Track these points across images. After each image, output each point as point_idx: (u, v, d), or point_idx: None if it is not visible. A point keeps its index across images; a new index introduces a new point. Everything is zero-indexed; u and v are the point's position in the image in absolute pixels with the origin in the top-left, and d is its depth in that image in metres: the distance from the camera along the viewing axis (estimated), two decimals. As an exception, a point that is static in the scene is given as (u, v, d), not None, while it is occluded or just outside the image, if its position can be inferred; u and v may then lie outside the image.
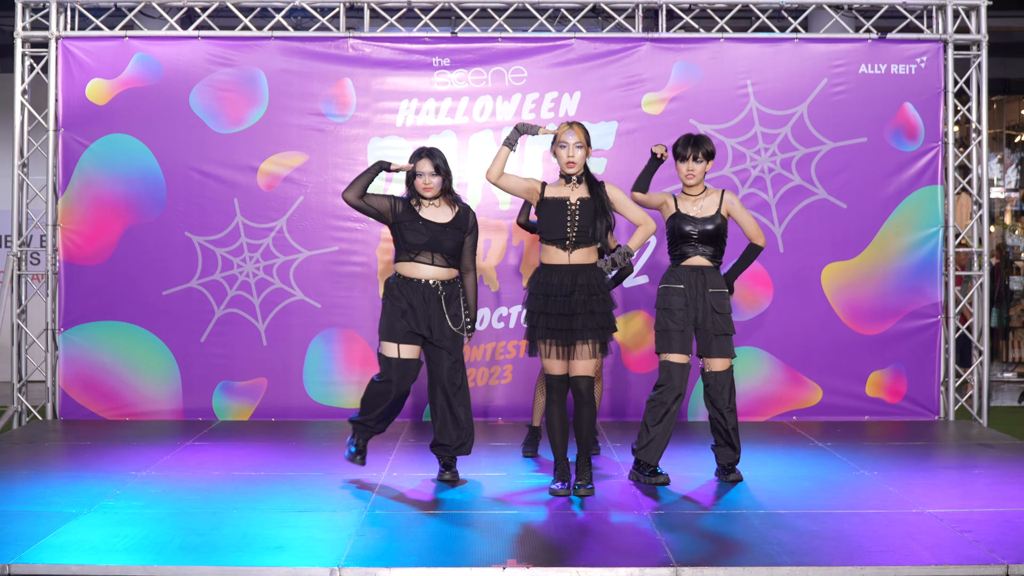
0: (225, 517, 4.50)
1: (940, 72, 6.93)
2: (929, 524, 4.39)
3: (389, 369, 5.01)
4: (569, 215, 4.81)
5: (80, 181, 6.83)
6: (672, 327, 5.06)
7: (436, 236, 5.00)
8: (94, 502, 4.72)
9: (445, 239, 5.02)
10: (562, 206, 4.82)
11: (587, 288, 4.80)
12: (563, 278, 4.81)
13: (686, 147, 5.14)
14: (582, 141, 4.83)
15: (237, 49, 6.86)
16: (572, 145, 4.83)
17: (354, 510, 4.63)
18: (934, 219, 6.92)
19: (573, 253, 4.82)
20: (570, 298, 4.77)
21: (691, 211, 5.13)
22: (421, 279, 5.01)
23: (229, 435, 6.40)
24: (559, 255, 4.83)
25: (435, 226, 5.02)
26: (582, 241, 4.82)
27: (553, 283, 4.81)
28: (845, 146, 6.91)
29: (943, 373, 6.97)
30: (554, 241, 4.83)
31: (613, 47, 6.90)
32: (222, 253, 6.86)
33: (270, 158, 6.86)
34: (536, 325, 4.82)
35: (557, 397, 4.88)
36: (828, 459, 5.73)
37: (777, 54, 6.92)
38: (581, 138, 4.84)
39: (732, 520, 4.47)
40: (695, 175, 5.13)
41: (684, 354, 5.06)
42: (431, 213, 5.06)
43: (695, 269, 5.10)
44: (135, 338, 6.83)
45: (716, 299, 5.08)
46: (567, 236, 4.81)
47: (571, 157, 4.82)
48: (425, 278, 5.01)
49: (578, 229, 4.80)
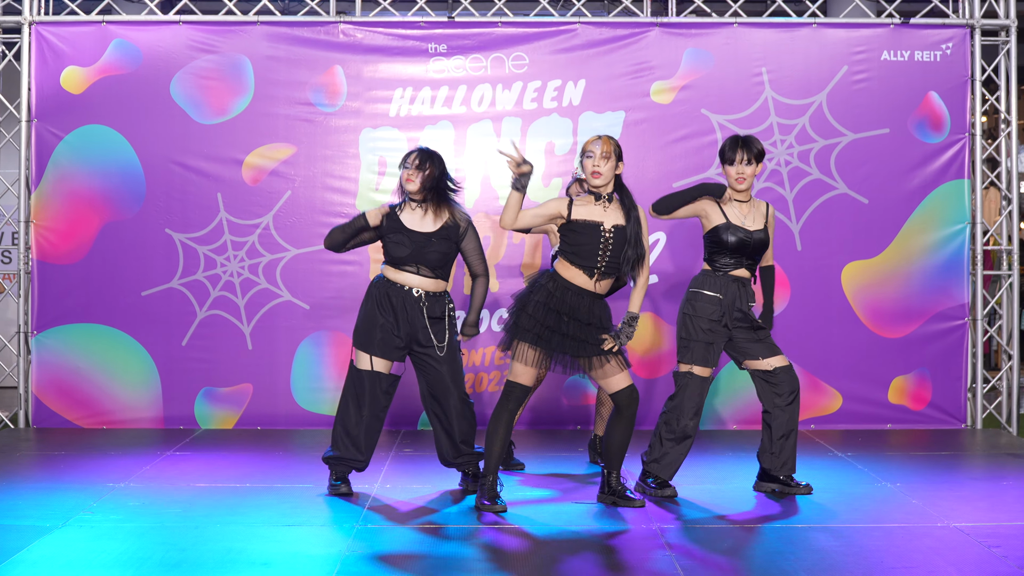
0: (208, 531, 4.51)
1: (967, 59, 6.93)
2: (955, 539, 4.40)
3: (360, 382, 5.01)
4: (602, 243, 4.72)
5: (54, 175, 6.84)
6: (698, 337, 5.02)
7: (419, 247, 4.96)
8: (69, 515, 4.73)
9: (429, 250, 4.97)
10: (595, 232, 4.71)
11: (600, 322, 4.75)
12: (579, 302, 4.73)
13: (734, 149, 5.02)
14: (609, 152, 4.71)
15: (221, 34, 6.87)
16: (599, 155, 4.71)
17: (345, 525, 4.64)
18: (961, 215, 6.93)
19: (600, 283, 4.77)
20: (587, 326, 4.73)
21: (744, 222, 5.05)
22: (405, 285, 5.01)
23: (212, 444, 6.40)
24: (583, 279, 4.75)
25: (418, 236, 4.98)
26: (610, 272, 4.77)
27: (567, 302, 4.72)
28: (866, 138, 6.92)
29: (970, 379, 6.97)
30: (581, 266, 4.74)
31: (620, 32, 6.90)
32: (205, 251, 6.87)
33: (256, 150, 6.87)
34: (529, 329, 4.72)
35: (514, 405, 4.83)
36: (848, 470, 5.73)
37: (794, 40, 6.93)
38: (608, 149, 4.71)
39: (746, 535, 4.48)
40: (746, 178, 5.03)
41: (707, 367, 5.05)
42: (415, 221, 5.02)
43: (736, 280, 5.06)
44: (113, 341, 6.84)
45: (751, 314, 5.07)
46: (596, 265, 4.73)
47: (597, 167, 4.70)
48: (410, 286, 5.01)
49: (609, 259, 4.73)
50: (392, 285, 5.00)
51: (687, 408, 5.04)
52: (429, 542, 4.39)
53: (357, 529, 4.55)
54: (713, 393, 6.82)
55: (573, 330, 4.71)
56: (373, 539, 4.41)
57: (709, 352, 5.03)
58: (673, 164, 6.88)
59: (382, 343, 4.98)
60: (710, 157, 6.84)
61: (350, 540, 4.39)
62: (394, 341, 4.98)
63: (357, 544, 4.33)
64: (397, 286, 5.00)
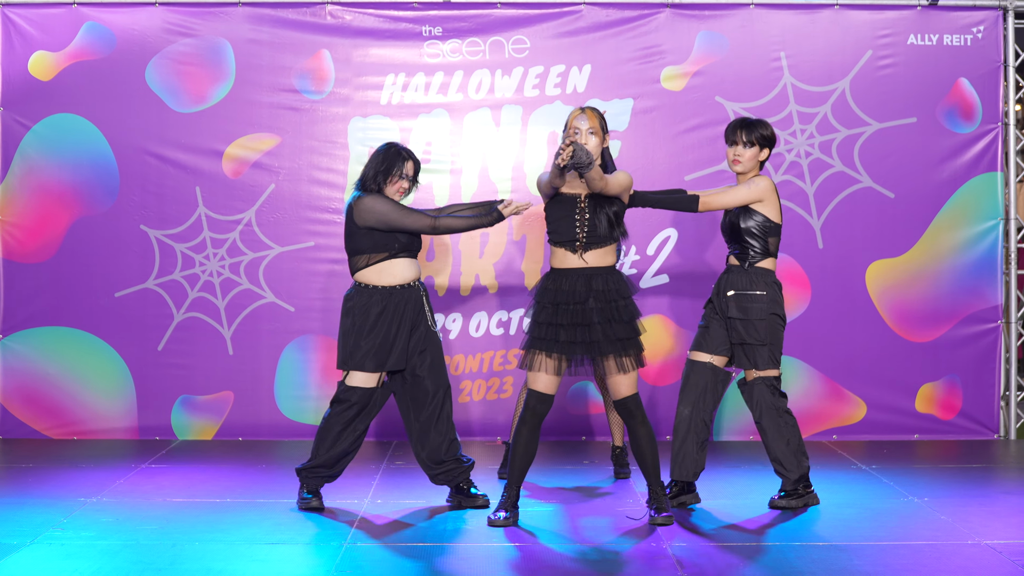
0: (186, 550, 4.51)
1: (999, 43, 6.94)
2: (986, 557, 4.40)
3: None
4: (578, 213, 4.82)
5: (21, 167, 6.84)
6: (701, 323, 5.32)
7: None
8: (38, 532, 4.73)
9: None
10: (571, 203, 4.83)
11: (604, 294, 4.80)
12: (575, 283, 4.81)
13: (734, 130, 5.25)
14: (595, 127, 4.84)
15: (199, 16, 6.87)
16: (585, 131, 4.83)
17: (332, 543, 4.65)
18: (993, 210, 6.93)
19: (586, 255, 4.83)
20: (584, 306, 4.77)
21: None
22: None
23: (190, 456, 6.41)
24: (569, 258, 4.84)
25: None
26: (594, 241, 4.83)
27: (564, 289, 4.80)
28: (892, 127, 6.92)
29: (1003, 386, 6.97)
30: (563, 243, 4.85)
31: (628, 14, 6.91)
32: (182, 249, 6.88)
33: (237, 141, 6.87)
34: (543, 337, 4.80)
35: (531, 417, 4.87)
36: (872, 483, 5.74)
37: (815, 22, 6.93)
38: (595, 124, 4.84)
39: (763, 554, 4.49)
40: (741, 161, 5.21)
41: (701, 351, 5.23)
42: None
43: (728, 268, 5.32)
44: (84, 346, 6.85)
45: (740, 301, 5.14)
46: (576, 237, 4.82)
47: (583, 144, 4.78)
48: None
49: (588, 228, 4.82)
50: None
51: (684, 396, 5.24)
52: (422, 562, 4.39)
53: (345, 548, 4.56)
54: (728, 403, 6.82)
55: (571, 318, 4.77)
56: (362, 558, 4.42)
57: (704, 336, 5.25)
58: (685, 155, 6.88)
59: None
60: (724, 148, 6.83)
61: (338, 560, 4.39)
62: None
63: (345, 564, 4.34)
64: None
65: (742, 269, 5.19)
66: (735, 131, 5.23)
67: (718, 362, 5.23)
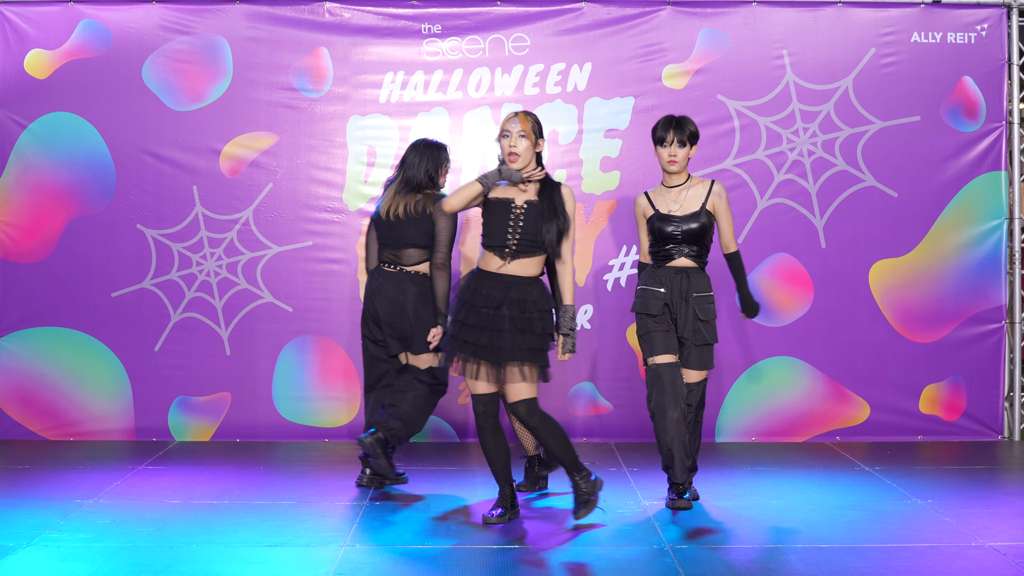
0: (183, 552, 4.52)
1: (1003, 41, 6.95)
2: (990, 559, 4.41)
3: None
4: (512, 219, 4.90)
5: (17, 166, 6.85)
6: (655, 328, 5.27)
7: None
8: (34, 534, 4.74)
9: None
10: (506, 208, 4.92)
11: (520, 304, 4.85)
12: (493, 288, 4.88)
13: (667, 129, 5.29)
14: (527, 131, 4.91)
15: (197, 14, 6.88)
16: (515, 134, 4.91)
17: (331, 545, 4.65)
18: (997, 210, 6.94)
19: (511, 263, 4.90)
20: (496, 311, 4.84)
21: (672, 209, 5.32)
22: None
23: (187, 458, 6.42)
24: (494, 262, 4.93)
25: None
26: (524, 250, 4.90)
27: (482, 292, 4.89)
28: (895, 126, 6.93)
29: (1007, 387, 6.98)
30: (493, 248, 4.93)
31: (629, 11, 6.91)
32: (179, 249, 6.88)
33: (234, 139, 6.88)
34: (454, 335, 4.90)
35: (484, 422, 4.95)
36: (876, 485, 5.75)
37: (817, 20, 6.94)
38: (526, 127, 4.91)
39: (765, 556, 4.49)
40: (678, 160, 5.30)
41: (670, 354, 5.24)
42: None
43: (679, 271, 5.30)
44: (80, 346, 6.86)
45: (701, 304, 5.26)
46: (507, 243, 4.90)
47: (513, 147, 4.89)
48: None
49: (520, 236, 4.90)
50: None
51: (665, 398, 5.18)
52: (424, 563, 4.40)
53: (345, 549, 4.56)
54: (731, 404, 6.83)
55: (480, 320, 4.83)
56: (361, 560, 4.43)
57: (669, 340, 5.26)
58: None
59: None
60: (726, 147, 6.86)
61: (336, 562, 4.40)
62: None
63: (344, 566, 4.34)
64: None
65: (700, 271, 5.33)
66: (668, 131, 5.28)
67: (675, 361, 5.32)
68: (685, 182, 5.35)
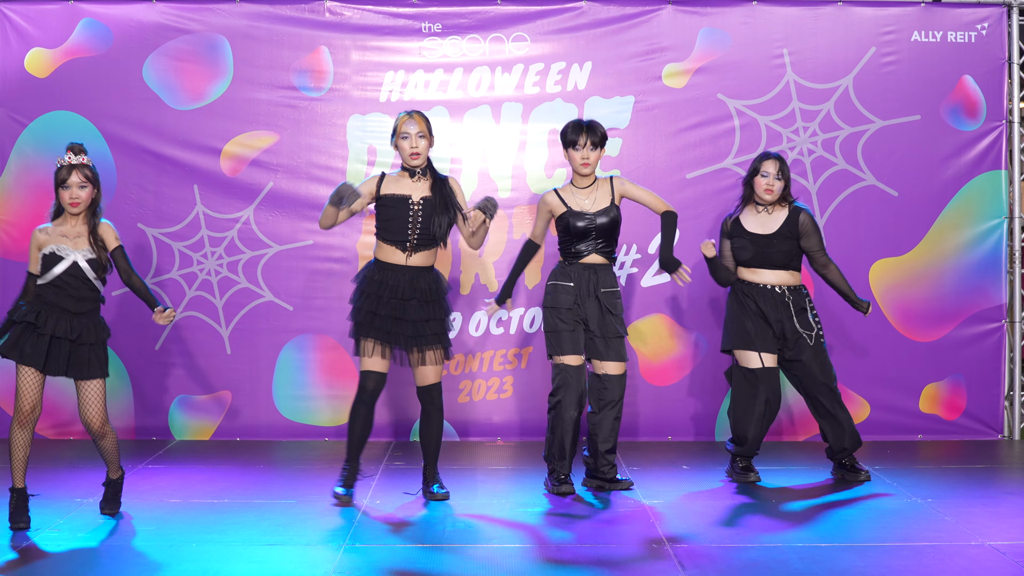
0: (183, 551, 4.53)
1: (1004, 40, 6.95)
2: (990, 559, 4.41)
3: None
4: (411, 215, 5.23)
5: (17, 165, 6.86)
6: (562, 327, 5.44)
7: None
8: (34, 533, 4.74)
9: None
10: (404, 205, 5.25)
11: (425, 294, 5.24)
12: (400, 280, 5.24)
13: (578, 132, 5.48)
14: (424, 131, 5.28)
15: (197, 13, 6.88)
16: (414, 135, 5.25)
17: (331, 543, 4.66)
18: (998, 209, 6.95)
19: (413, 256, 5.23)
20: (406, 303, 5.21)
21: (584, 206, 5.50)
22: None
23: (187, 457, 6.42)
24: (396, 255, 5.27)
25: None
26: (424, 244, 5.27)
27: (389, 284, 5.23)
28: (896, 125, 6.93)
29: (1008, 386, 6.99)
30: (394, 242, 5.26)
31: (630, 10, 6.92)
32: (180, 248, 6.89)
33: (235, 139, 6.88)
34: (363, 323, 5.22)
35: (368, 398, 5.30)
36: (876, 484, 5.75)
37: (818, 19, 6.94)
38: (423, 128, 5.28)
39: (764, 555, 4.49)
40: (590, 163, 5.48)
41: (578, 354, 5.45)
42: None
43: (588, 267, 5.47)
44: (80, 345, 6.85)
45: (609, 299, 5.45)
46: (407, 239, 5.24)
47: (415, 148, 5.25)
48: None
49: (420, 231, 5.24)
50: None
51: (569, 396, 5.38)
52: (424, 561, 4.40)
53: (345, 548, 4.57)
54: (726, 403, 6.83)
55: (392, 311, 5.19)
56: (361, 559, 4.43)
57: (576, 340, 5.43)
58: (686, 153, 6.89)
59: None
60: (726, 146, 6.86)
61: (337, 561, 4.41)
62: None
63: (345, 565, 4.35)
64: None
65: (608, 268, 5.51)
66: (579, 134, 5.46)
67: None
68: (593, 183, 5.54)
